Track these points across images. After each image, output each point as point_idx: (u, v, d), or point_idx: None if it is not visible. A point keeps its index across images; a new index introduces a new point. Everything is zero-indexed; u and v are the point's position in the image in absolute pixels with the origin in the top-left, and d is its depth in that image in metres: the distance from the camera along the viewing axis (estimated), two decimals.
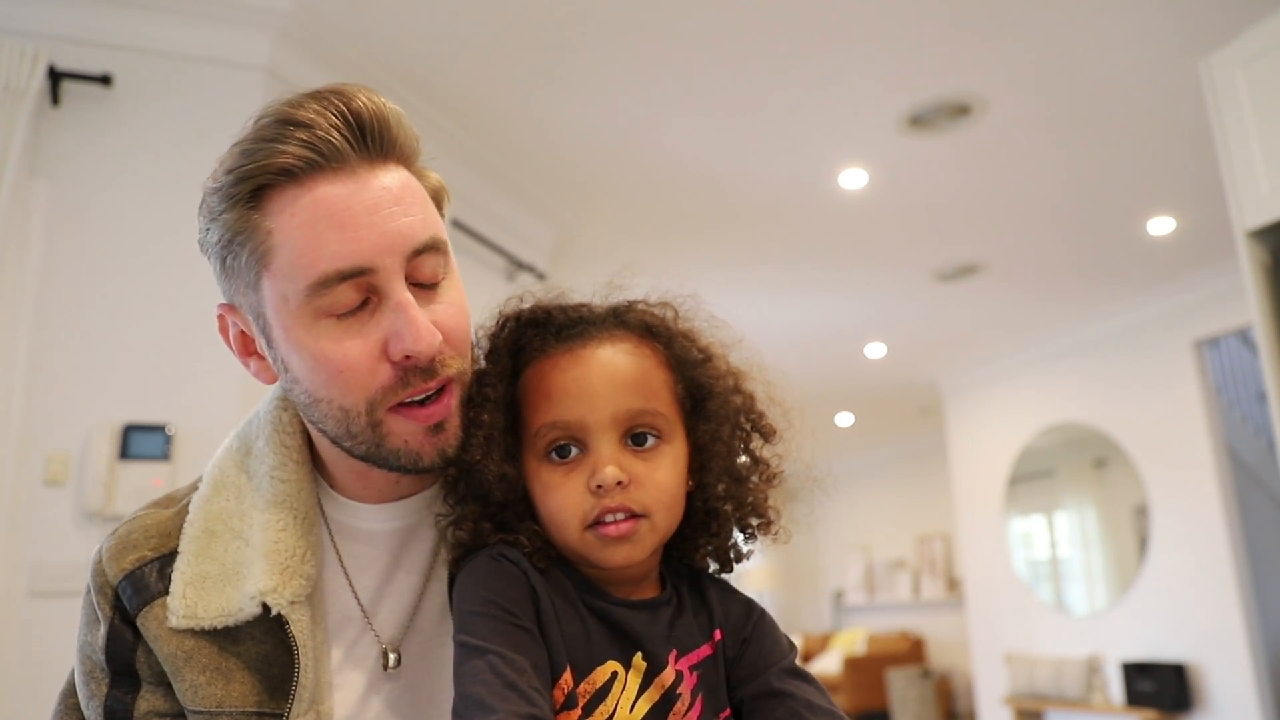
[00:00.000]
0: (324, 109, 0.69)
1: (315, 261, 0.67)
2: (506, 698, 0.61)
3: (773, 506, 0.79)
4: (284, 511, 0.75)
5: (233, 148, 0.70)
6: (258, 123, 0.70)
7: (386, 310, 0.69)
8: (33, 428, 2.19)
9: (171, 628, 0.71)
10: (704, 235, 4.16)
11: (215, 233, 0.70)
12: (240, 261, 0.70)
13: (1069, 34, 2.79)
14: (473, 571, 0.71)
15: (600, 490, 0.70)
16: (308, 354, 0.70)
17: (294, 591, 0.72)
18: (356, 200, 0.68)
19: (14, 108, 2.19)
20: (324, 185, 0.68)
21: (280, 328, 0.70)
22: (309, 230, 0.67)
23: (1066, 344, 5.71)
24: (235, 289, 0.73)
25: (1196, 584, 4.87)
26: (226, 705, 0.71)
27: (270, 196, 0.68)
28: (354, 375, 0.69)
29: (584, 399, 0.72)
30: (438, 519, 0.79)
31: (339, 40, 2.68)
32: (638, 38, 2.76)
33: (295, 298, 0.68)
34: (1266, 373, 2.27)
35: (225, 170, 0.69)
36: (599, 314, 0.78)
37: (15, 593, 2.10)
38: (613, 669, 0.70)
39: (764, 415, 0.80)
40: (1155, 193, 3.86)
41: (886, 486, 9.30)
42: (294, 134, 0.68)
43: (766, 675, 0.75)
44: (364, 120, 0.70)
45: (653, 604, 0.75)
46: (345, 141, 0.69)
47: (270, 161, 0.67)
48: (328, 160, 0.68)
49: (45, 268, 2.27)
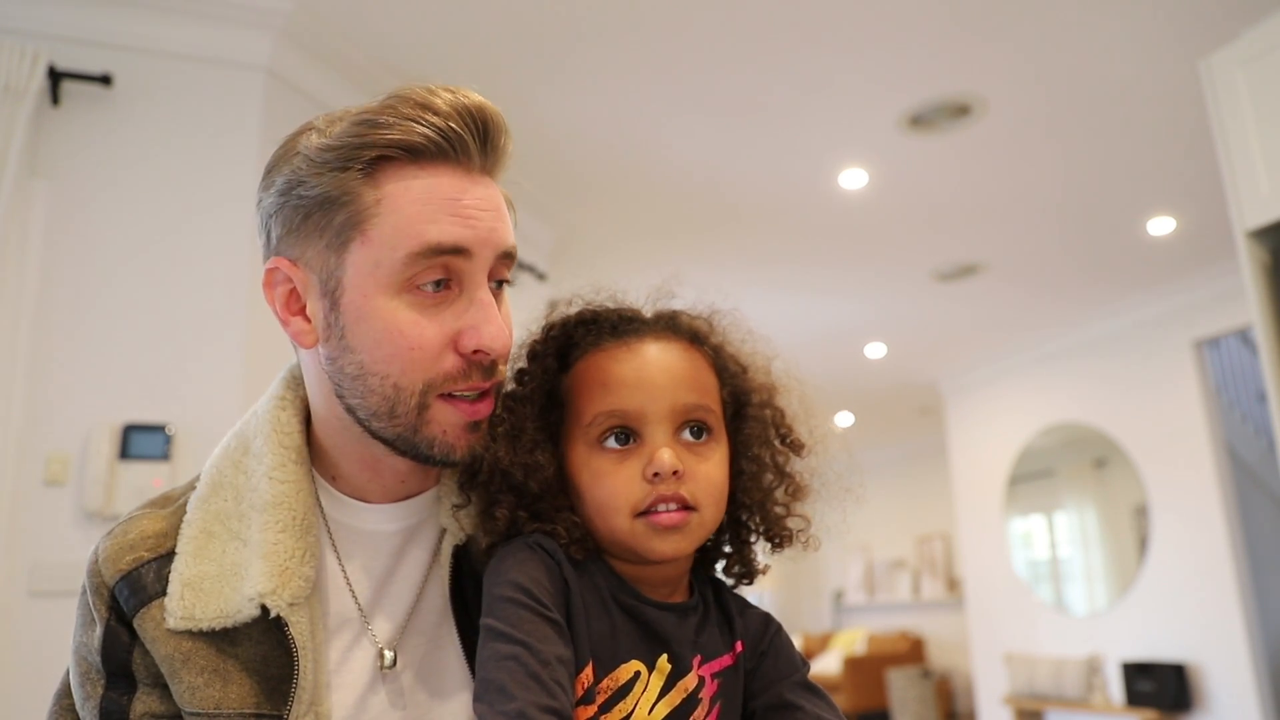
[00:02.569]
0: (458, 101, 0.72)
1: (422, 232, 0.69)
2: (529, 687, 0.61)
3: (800, 515, 0.80)
4: (282, 512, 0.74)
5: (352, 115, 0.71)
6: (386, 100, 0.71)
7: (466, 302, 0.72)
8: (33, 428, 2.19)
9: (169, 629, 0.71)
10: (704, 235, 4.16)
11: (313, 187, 0.71)
12: (332, 221, 0.71)
13: (1069, 34, 2.79)
14: (506, 557, 0.71)
15: (657, 478, 0.71)
16: (381, 324, 0.70)
17: (293, 593, 0.72)
18: (472, 197, 0.72)
19: (14, 108, 2.19)
20: (443, 172, 0.71)
21: (359, 293, 0.71)
22: (424, 206, 0.70)
23: (1066, 344, 5.71)
24: (309, 246, 0.72)
25: (1196, 584, 4.87)
26: (224, 707, 0.70)
27: (386, 169, 0.70)
28: (422, 355, 0.71)
29: (643, 389, 0.73)
30: (454, 508, 0.79)
31: (339, 40, 2.68)
32: (638, 38, 2.76)
33: (390, 264, 0.70)
34: (1266, 373, 2.27)
35: (344, 134, 0.70)
36: (649, 317, 0.80)
37: (15, 593, 2.10)
38: (636, 668, 0.70)
39: (793, 430, 0.81)
40: (1155, 193, 3.86)
41: (886, 486, 9.30)
42: (428, 118, 0.70)
43: (779, 687, 0.76)
44: (490, 129, 0.73)
45: (682, 608, 0.75)
46: (473, 141, 0.72)
47: (400, 138, 0.69)
48: (455, 152, 0.71)
49: (45, 268, 2.27)
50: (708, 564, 0.82)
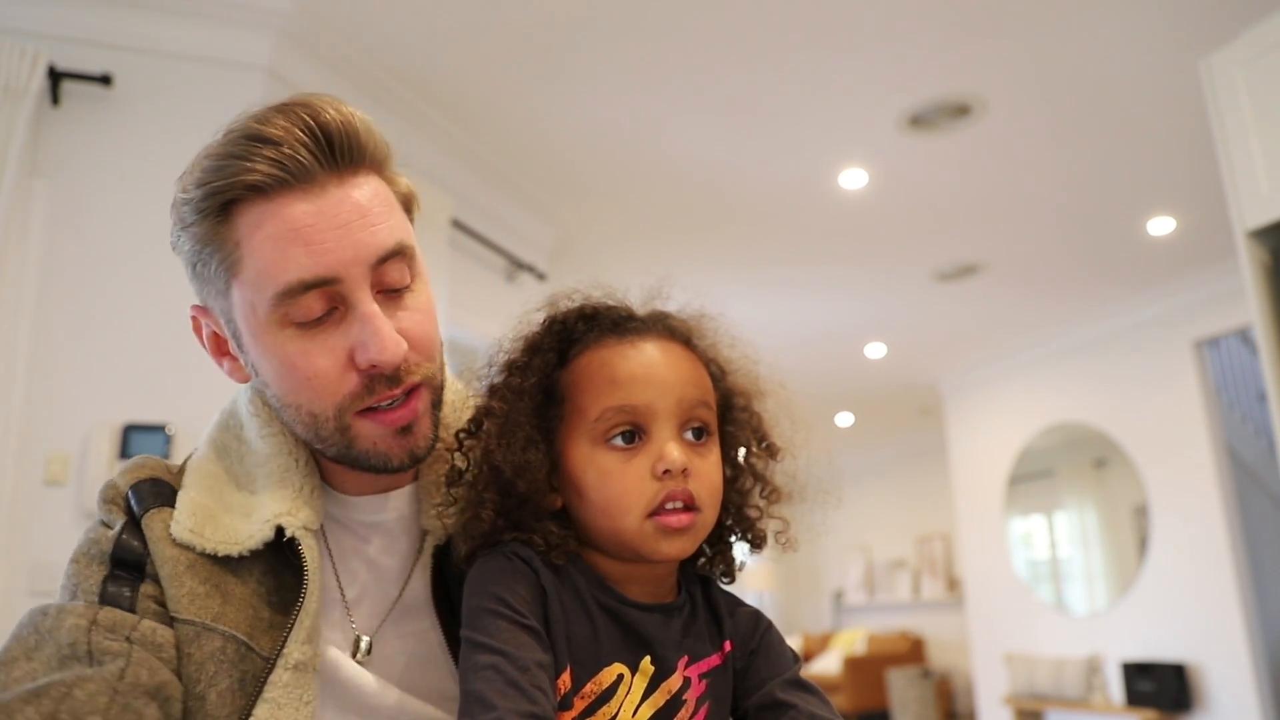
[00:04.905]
0: (291, 124, 0.69)
1: (281, 273, 0.68)
2: (508, 695, 0.62)
3: (778, 518, 0.80)
4: (283, 458, 0.76)
5: (201, 159, 0.71)
6: (226, 136, 0.70)
7: (353, 320, 0.70)
8: (33, 428, 2.19)
9: (174, 538, 0.72)
10: (704, 235, 4.16)
11: (186, 242, 0.72)
12: (210, 269, 0.72)
13: (1069, 34, 2.79)
14: (482, 569, 0.71)
15: (666, 475, 0.70)
16: (275, 361, 0.71)
17: (305, 519, 0.74)
18: (323, 219, 0.69)
19: (14, 108, 2.20)
20: (292, 202, 0.69)
21: (249, 334, 0.72)
22: (275, 244, 0.68)
23: (1066, 344, 5.71)
24: (207, 293, 0.74)
25: (1196, 584, 4.87)
26: (222, 623, 0.70)
27: (238, 210, 0.69)
28: (321, 383, 0.71)
29: (653, 385, 0.73)
30: (439, 509, 0.79)
31: (339, 40, 2.68)
32: (638, 38, 2.76)
33: (262, 306, 0.69)
34: (1266, 373, 2.27)
35: (195, 183, 0.70)
36: (644, 316, 0.79)
37: (15, 593, 2.10)
38: (619, 671, 0.70)
39: (770, 435, 0.81)
40: (1155, 193, 3.86)
41: (886, 486, 9.30)
42: (261, 151, 0.68)
43: (770, 686, 0.76)
44: (332, 134, 0.70)
45: (668, 608, 0.75)
46: (313, 158, 0.69)
47: (238, 179, 0.68)
48: (295, 178, 0.69)
49: (45, 268, 2.27)
50: (694, 562, 0.81)
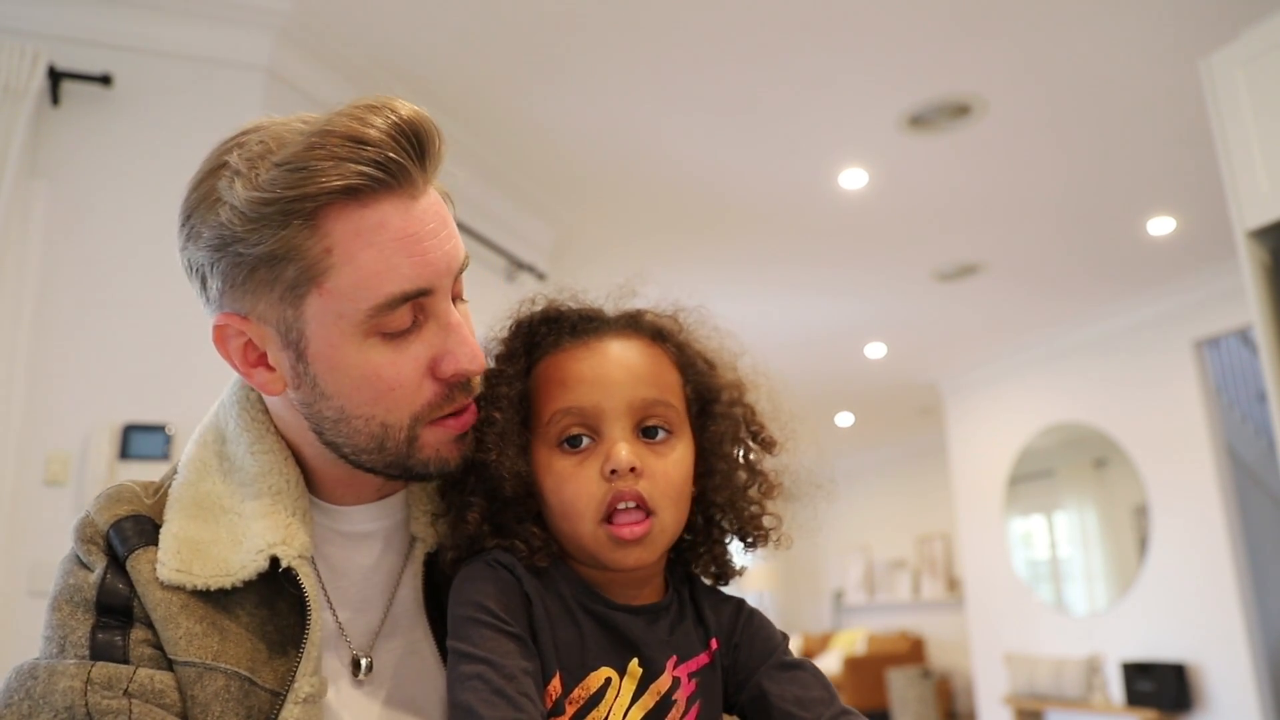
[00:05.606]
0: (391, 129, 0.66)
1: (383, 284, 0.67)
2: (494, 704, 0.62)
3: (773, 514, 0.79)
4: (273, 478, 0.74)
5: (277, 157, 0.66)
6: (314, 137, 0.65)
7: (435, 327, 0.70)
8: (33, 428, 2.19)
9: (161, 580, 0.69)
10: (704, 235, 4.16)
11: (253, 245, 0.66)
12: (281, 275, 0.67)
13: (1069, 34, 2.79)
14: (466, 578, 0.71)
15: (614, 475, 0.70)
16: (357, 371, 0.69)
17: (300, 547, 0.71)
18: (420, 224, 0.68)
19: (14, 108, 2.20)
20: (387, 206, 0.67)
21: (326, 344, 0.68)
22: (380, 253, 0.66)
23: (1066, 344, 5.71)
24: (259, 300, 0.69)
25: (1196, 584, 4.87)
26: (224, 661, 0.68)
27: (329, 213, 0.66)
28: (403, 392, 0.70)
29: (599, 386, 0.73)
30: (434, 518, 0.78)
31: (339, 40, 2.68)
32: (637, 38, 2.76)
33: (354, 315, 0.67)
34: (1266, 373, 2.27)
35: (278, 182, 0.65)
36: (611, 316, 0.79)
37: (15, 593, 2.10)
38: (606, 675, 0.70)
39: (764, 427, 0.80)
40: (1155, 193, 3.86)
41: (886, 486, 9.30)
42: (364, 152, 0.65)
43: (758, 676, 0.75)
44: (425, 141, 0.68)
45: (654, 609, 0.75)
46: (412, 162, 0.67)
47: (340, 183, 0.65)
48: (395, 180, 0.67)
49: (45, 268, 2.27)
50: (684, 561, 0.81)
